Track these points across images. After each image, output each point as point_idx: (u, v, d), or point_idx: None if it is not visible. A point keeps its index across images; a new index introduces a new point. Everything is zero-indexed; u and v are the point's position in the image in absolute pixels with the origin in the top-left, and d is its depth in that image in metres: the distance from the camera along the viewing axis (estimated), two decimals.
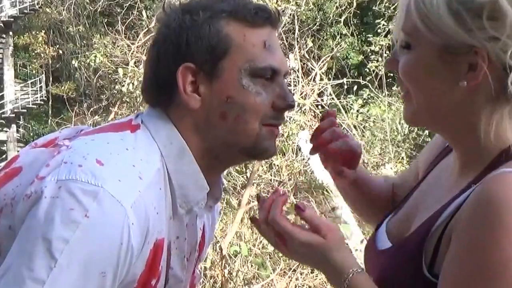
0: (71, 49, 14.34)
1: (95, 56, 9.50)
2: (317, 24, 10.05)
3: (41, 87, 20.08)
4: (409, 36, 0.94)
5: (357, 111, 7.51)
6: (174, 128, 1.03)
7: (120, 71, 8.19)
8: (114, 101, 9.43)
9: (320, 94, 6.93)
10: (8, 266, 0.89)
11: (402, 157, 7.30)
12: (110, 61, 9.30)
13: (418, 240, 0.92)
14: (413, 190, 1.11)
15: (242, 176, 6.27)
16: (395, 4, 7.46)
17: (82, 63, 11.26)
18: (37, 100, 20.37)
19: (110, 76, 9.65)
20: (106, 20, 12.26)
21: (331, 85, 7.23)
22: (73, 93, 15.91)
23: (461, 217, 0.87)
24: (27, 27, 20.58)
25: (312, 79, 6.79)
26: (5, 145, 20.21)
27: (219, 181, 1.13)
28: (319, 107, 6.68)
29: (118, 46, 9.09)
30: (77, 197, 0.88)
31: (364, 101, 7.95)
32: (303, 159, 6.43)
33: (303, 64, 7.09)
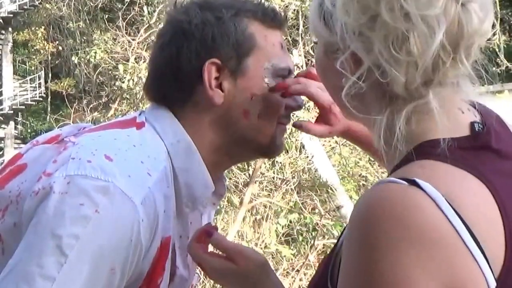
0: (71, 45, 14.30)
1: (95, 52, 9.47)
2: None
3: (40, 84, 20.13)
4: (313, 33, 0.91)
5: None
6: (180, 126, 1.03)
7: (121, 68, 8.14)
8: (114, 98, 9.39)
9: None
10: (16, 263, 0.87)
11: None
12: (111, 57, 9.27)
13: (327, 259, 0.86)
14: None
15: (244, 174, 6.20)
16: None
17: (82, 59, 11.21)
18: (36, 97, 20.42)
19: (110, 73, 9.61)
20: (107, 16, 12.22)
21: None
22: (73, 90, 15.92)
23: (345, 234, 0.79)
24: (27, 23, 20.58)
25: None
26: (3, 142, 20.21)
27: (222, 178, 1.15)
28: None
29: (119, 42, 9.06)
30: (87, 193, 0.88)
31: None
32: (307, 157, 6.36)
33: (308, 60, 7.02)
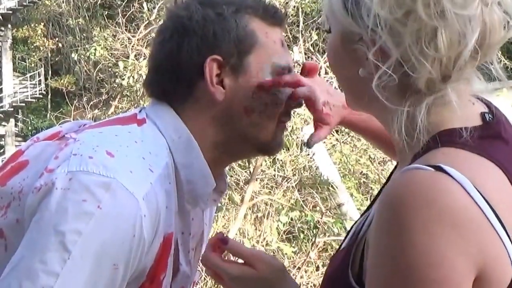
0: (71, 42, 14.30)
1: (95, 49, 9.48)
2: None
3: (40, 81, 20.11)
4: (327, 20, 0.92)
5: None
6: (182, 122, 1.03)
7: (121, 64, 8.13)
8: (114, 95, 9.38)
9: None
10: (19, 259, 0.87)
11: None
12: (110, 54, 9.26)
13: (347, 250, 0.88)
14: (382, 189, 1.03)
15: (245, 172, 6.19)
16: None
17: (82, 56, 11.22)
18: (36, 94, 20.40)
19: (110, 70, 9.60)
20: (106, 13, 12.22)
21: (336, 79, 7.13)
22: (73, 87, 15.91)
23: (372, 223, 0.81)
24: (26, 20, 20.57)
25: (317, 73, 6.69)
26: (3, 140, 20.20)
27: (223, 174, 1.14)
28: None
29: (119, 39, 9.06)
30: (90, 188, 0.88)
31: None
32: (308, 154, 6.36)
33: (308, 58, 7.02)
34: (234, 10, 1.03)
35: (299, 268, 5.36)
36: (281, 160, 6.27)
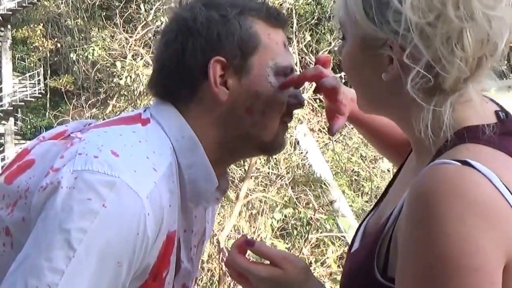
0: (69, 43, 14.33)
1: (93, 50, 9.48)
2: (315, 18, 10.04)
3: (39, 80, 20.09)
4: (341, 27, 0.94)
5: None
6: (185, 122, 1.04)
7: (118, 64, 8.17)
8: (112, 94, 9.41)
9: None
10: (25, 257, 0.87)
11: None
12: (108, 54, 9.28)
13: (373, 243, 0.89)
14: (389, 186, 1.09)
15: (240, 169, 6.27)
16: None
17: (80, 57, 11.22)
18: (35, 93, 20.39)
19: (108, 69, 9.63)
20: (105, 14, 12.23)
21: None
22: (71, 86, 15.91)
23: (402, 217, 0.83)
24: (26, 21, 20.56)
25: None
26: (3, 138, 20.24)
27: (226, 173, 1.15)
28: (317, 101, 6.67)
29: (116, 40, 9.07)
30: (95, 187, 0.88)
31: None
32: (301, 153, 6.42)
33: (301, 58, 7.08)
34: (238, 12, 1.04)
35: None
36: (275, 158, 6.31)
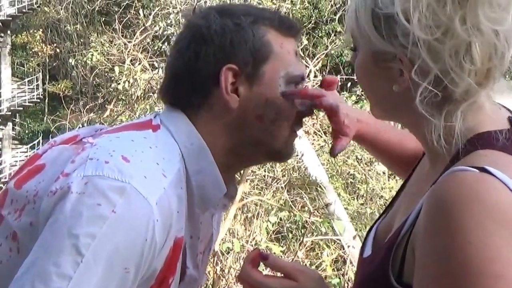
0: (68, 48, 14.38)
1: (92, 55, 9.53)
2: (312, 22, 10.08)
3: (38, 85, 20.15)
4: (352, 39, 0.95)
5: None
6: (194, 129, 1.05)
7: (116, 69, 8.21)
8: (110, 99, 9.45)
9: None
10: (33, 261, 0.87)
11: None
12: (107, 60, 9.32)
13: (387, 249, 0.89)
14: (400, 191, 1.10)
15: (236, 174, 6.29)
16: None
17: (79, 62, 11.28)
18: (34, 98, 20.44)
19: (107, 74, 9.68)
20: (104, 19, 12.27)
21: None
22: (70, 91, 15.97)
23: (420, 224, 0.83)
24: (25, 26, 20.64)
25: (307, 76, 6.83)
26: (1, 143, 20.26)
27: (234, 180, 1.16)
28: None
29: (115, 45, 9.10)
30: (105, 193, 0.88)
31: (358, 98, 7.97)
32: (297, 155, 6.46)
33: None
34: (252, 21, 1.04)
35: None
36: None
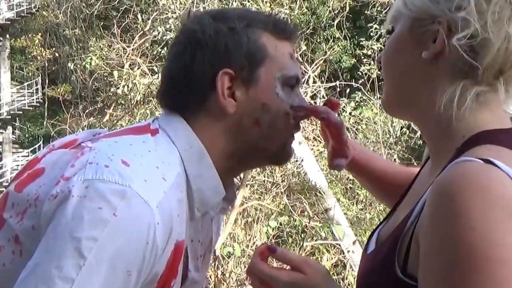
0: (67, 52, 14.32)
1: (91, 59, 9.50)
2: (311, 28, 10.06)
3: (37, 90, 20.12)
4: (394, 19, 0.98)
5: (350, 114, 7.52)
6: (193, 133, 1.05)
7: (115, 74, 8.23)
8: (109, 103, 9.47)
9: (314, 97, 6.97)
10: (35, 265, 0.87)
11: (395, 159, 7.35)
12: (106, 64, 9.32)
13: (393, 242, 0.90)
14: (405, 194, 1.11)
15: (236, 178, 6.31)
16: (387, 9, 7.50)
17: (78, 66, 11.26)
18: (33, 102, 20.43)
19: (106, 79, 9.68)
20: (102, 24, 12.26)
21: (324, 88, 7.25)
22: (69, 96, 15.93)
23: (425, 214, 0.83)
24: (24, 30, 20.59)
25: (306, 82, 6.82)
26: (1, 147, 20.27)
27: (233, 184, 1.16)
28: None
29: (114, 49, 9.10)
30: (105, 196, 0.89)
31: (357, 104, 8.00)
32: (296, 161, 6.46)
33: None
34: (246, 25, 1.05)
35: None
36: (271, 167, 6.35)
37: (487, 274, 0.73)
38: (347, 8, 9.57)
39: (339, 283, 5.26)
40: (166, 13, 8.30)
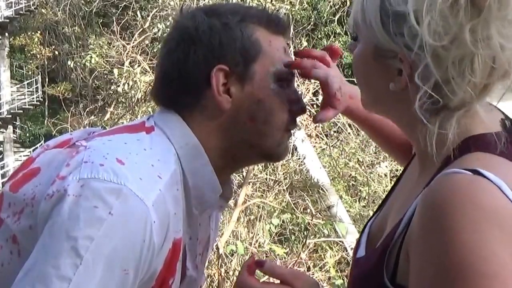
0: (67, 50, 14.33)
1: (91, 57, 9.51)
2: (312, 24, 10.06)
3: (37, 88, 20.10)
4: (355, 28, 0.93)
5: None
6: (189, 129, 1.04)
7: (116, 72, 8.20)
8: (110, 101, 9.46)
9: (315, 93, 6.95)
10: (33, 264, 0.88)
11: None
12: (106, 62, 9.33)
13: (382, 252, 0.89)
14: (392, 190, 1.09)
15: (238, 176, 6.30)
16: None
17: (78, 64, 11.24)
18: (34, 101, 20.41)
19: (106, 77, 9.67)
20: (102, 21, 12.25)
21: None
22: (69, 94, 15.90)
23: (414, 226, 0.82)
24: (23, 28, 20.56)
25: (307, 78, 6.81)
26: (2, 146, 20.26)
27: (230, 181, 1.15)
28: (314, 106, 6.70)
29: (114, 47, 9.11)
30: (101, 195, 0.89)
31: None
32: (299, 158, 6.47)
33: None
34: (239, 20, 1.04)
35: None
36: (273, 164, 6.33)
37: None
38: (348, 3, 9.53)
39: (343, 280, 5.24)
40: (166, 10, 8.28)
